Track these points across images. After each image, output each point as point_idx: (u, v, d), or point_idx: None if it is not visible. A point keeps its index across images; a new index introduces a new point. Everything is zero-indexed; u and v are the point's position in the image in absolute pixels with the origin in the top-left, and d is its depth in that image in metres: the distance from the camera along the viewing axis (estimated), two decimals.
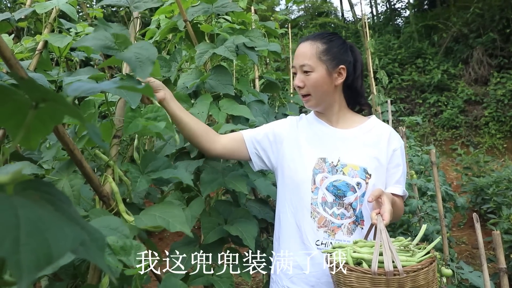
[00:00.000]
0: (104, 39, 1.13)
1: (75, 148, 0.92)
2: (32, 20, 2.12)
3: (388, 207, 1.27)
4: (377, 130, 1.49)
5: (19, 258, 0.32)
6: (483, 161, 6.02)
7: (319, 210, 1.39)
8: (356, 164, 1.41)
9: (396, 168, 1.48)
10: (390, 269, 1.04)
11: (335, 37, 1.46)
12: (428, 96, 9.75)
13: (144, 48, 1.14)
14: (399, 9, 14.24)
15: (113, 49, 1.12)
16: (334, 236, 1.38)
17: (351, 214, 1.40)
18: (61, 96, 0.45)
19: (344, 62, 1.43)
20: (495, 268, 3.35)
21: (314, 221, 1.39)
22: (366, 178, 1.40)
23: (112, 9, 9.93)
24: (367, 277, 1.07)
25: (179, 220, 0.99)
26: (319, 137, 1.49)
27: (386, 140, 1.47)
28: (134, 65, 1.07)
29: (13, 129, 0.53)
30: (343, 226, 1.38)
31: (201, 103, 1.64)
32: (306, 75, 1.41)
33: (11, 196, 0.41)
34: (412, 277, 1.06)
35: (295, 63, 1.44)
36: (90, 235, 0.45)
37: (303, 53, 1.42)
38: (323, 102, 1.46)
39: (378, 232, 1.15)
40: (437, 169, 2.49)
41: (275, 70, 6.22)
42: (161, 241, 4.97)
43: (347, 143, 1.46)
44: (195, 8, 1.77)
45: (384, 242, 1.10)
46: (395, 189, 1.46)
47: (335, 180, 1.40)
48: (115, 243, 0.88)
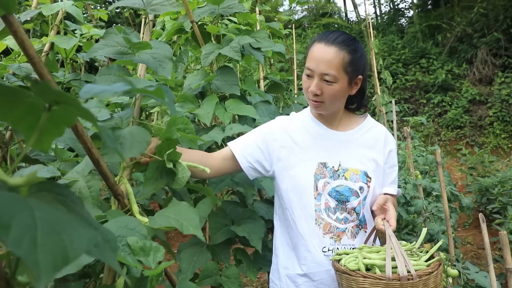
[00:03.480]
0: (116, 45, 1.14)
1: (93, 146, 0.92)
2: (38, 22, 2.13)
3: (393, 213, 1.28)
4: (374, 131, 1.48)
5: (37, 259, 0.33)
6: (488, 161, 5.99)
7: (323, 216, 1.37)
8: (357, 168, 1.40)
9: (391, 168, 1.49)
10: (404, 274, 1.06)
11: (359, 45, 1.35)
12: (432, 96, 9.71)
13: (157, 47, 1.15)
14: (403, 9, 14.20)
15: (127, 54, 1.13)
16: (340, 242, 1.37)
17: (354, 218, 1.39)
18: (74, 99, 0.45)
19: (363, 72, 1.37)
20: (501, 268, 3.34)
21: (320, 228, 1.37)
22: (367, 182, 1.40)
23: (116, 11, 9.93)
24: (381, 283, 1.07)
25: (192, 224, 1.00)
26: (317, 141, 1.44)
27: (382, 141, 1.47)
28: (154, 66, 1.09)
29: (26, 131, 0.53)
30: (347, 230, 1.38)
31: (207, 103, 1.65)
32: (326, 84, 1.30)
33: (27, 197, 0.41)
34: (424, 281, 1.08)
35: (315, 67, 1.30)
36: (103, 236, 0.46)
37: (328, 60, 1.28)
38: (333, 109, 1.40)
39: (388, 237, 1.16)
40: (442, 169, 2.48)
41: (279, 71, 6.20)
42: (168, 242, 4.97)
43: (347, 146, 1.43)
44: (202, 9, 1.78)
45: (395, 248, 1.12)
46: (391, 189, 1.47)
47: (338, 185, 1.38)
48: (135, 244, 0.89)
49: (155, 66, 1.10)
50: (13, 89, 0.46)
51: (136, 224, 0.90)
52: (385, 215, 1.29)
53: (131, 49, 1.14)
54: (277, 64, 4.20)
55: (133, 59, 1.13)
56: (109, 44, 1.15)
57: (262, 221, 1.60)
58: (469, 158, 6.26)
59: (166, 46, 1.16)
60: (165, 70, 1.10)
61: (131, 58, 1.13)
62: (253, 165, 1.43)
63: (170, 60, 1.12)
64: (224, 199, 1.80)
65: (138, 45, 1.13)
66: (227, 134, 1.56)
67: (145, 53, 1.14)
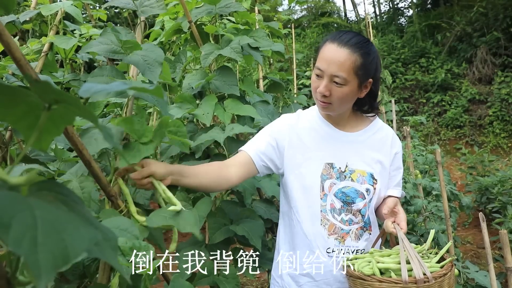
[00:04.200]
0: (110, 44, 1.14)
1: (83, 148, 0.92)
2: (37, 22, 2.13)
3: (404, 216, 1.29)
4: (381, 133, 1.47)
5: (37, 258, 0.33)
6: (487, 160, 5.99)
7: (329, 217, 1.36)
8: (364, 169, 1.40)
9: (396, 170, 1.49)
10: (420, 277, 1.05)
11: (372, 47, 1.32)
12: (432, 95, 9.71)
13: (150, 51, 1.15)
14: (402, 9, 14.20)
15: (119, 53, 1.13)
16: (344, 243, 1.36)
17: (359, 220, 1.39)
18: (74, 98, 0.45)
19: (374, 75, 1.34)
20: (501, 268, 3.34)
21: (325, 228, 1.36)
22: (373, 184, 1.40)
23: (115, 11, 9.95)
24: (397, 286, 1.07)
25: (189, 222, 1.00)
26: (325, 141, 1.42)
27: (389, 144, 1.46)
28: (142, 68, 1.08)
29: (26, 130, 0.53)
30: (351, 232, 1.37)
31: (206, 104, 1.65)
32: (335, 85, 1.27)
33: (27, 197, 0.42)
34: (439, 283, 1.08)
35: (325, 68, 1.27)
36: (104, 235, 0.46)
37: (340, 62, 1.25)
38: (341, 110, 1.38)
39: (400, 240, 1.16)
40: (442, 168, 2.48)
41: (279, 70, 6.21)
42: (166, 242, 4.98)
43: (354, 147, 1.42)
44: (199, 10, 1.78)
45: (409, 250, 1.12)
46: (395, 191, 1.46)
47: (344, 186, 1.37)
48: (124, 244, 0.89)
49: (143, 68, 1.10)
50: (12, 89, 0.46)
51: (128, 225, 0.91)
52: (395, 218, 1.29)
53: (123, 48, 1.14)
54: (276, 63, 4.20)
55: (123, 59, 1.13)
56: (104, 42, 1.15)
57: (261, 220, 1.61)
58: (468, 157, 6.27)
59: (159, 50, 1.16)
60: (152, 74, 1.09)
61: (122, 57, 1.13)
62: (266, 163, 1.41)
63: (160, 65, 1.12)
64: (223, 198, 1.79)
65: (127, 44, 1.14)
66: (228, 134, 1.55)
67: (137, 54, 1.14)
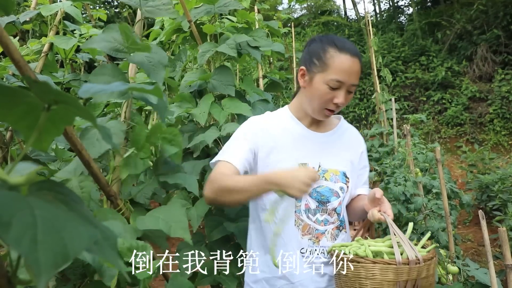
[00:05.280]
0: (113, 41, 1.11)
1: (83, 148, 0.93)
2: (37, 23, 2.13)
3: (389, 205, 1.29)
4: (348, 132, 1.51)
5: (37, 256, 0.33)
6: (488, 158, 5.99)
7: (303, 217, 1.36)
8: (336, 169, 1.41)
9: (363, 169, 1.51)
10: (413, 258, 1.10)
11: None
12: (432, 93, 9.70)
13: (154, 52, 1.14)
14: (402, 7, 14.17)
15: (122, 52, 1.11)
16: (318, 243, 1.35)
17: (335, 219, 1.39)
18: (73, 98, 0.46)
19: None
20: (501, 265, 3.34)
21: (298, 229, 1.35)
22: (346, 182, 1.41)
23: (115, 10, 9.95)
24: (391, 267, 1.10)
25: (181, 225, 1.00)
26: (298, 141, 1.42)
27: (356, 143, 1.50)
28: (148, 69, 1.08)
29: (26, 131, 0.54)
30: (327, 232, 1.37)
31: (204, 103, 1.65)
32: (348, 94, 1.33)
33: (27, 196, 0.42)
34: (427, 266, 1.12)
35: (346, 79, 1.30)
36: (103, 234, 0.46)
37: (357, 72, 1.32)
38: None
39: (390, 226, 1.19)
40: (442, 166, 2.48)
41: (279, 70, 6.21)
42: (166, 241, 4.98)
43: (326, 147, 1.43)
44: (198, 10, 1.78)
45: (400, 235, 1.16)
46: (364, 190, 1.49)
47: (318, 186, 1.37)
48: (122, 245, 0.90)
49: (148, 69, 1.09)
50: (12, 89, 0.47)
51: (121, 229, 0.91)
52: (380, 207, 1.29)
53: (127, 48, 1.12)
54: (276, 62, 4.20)
55: (127, 59, 1.12)
56: (106, 39, 1.13)
57: None
58: (469, 155, 6.27)
59: (163, 52, 1.16)
60: (157, 76, 1.10)
61: (125, 56, 1.12)
62: (246, 168, 1.39)
63: (164, 67, 1.12)
64: None
65: (138, 45, 1.12)
66: (222, 134, 1.56)
67: (141, 55, 1.13)
